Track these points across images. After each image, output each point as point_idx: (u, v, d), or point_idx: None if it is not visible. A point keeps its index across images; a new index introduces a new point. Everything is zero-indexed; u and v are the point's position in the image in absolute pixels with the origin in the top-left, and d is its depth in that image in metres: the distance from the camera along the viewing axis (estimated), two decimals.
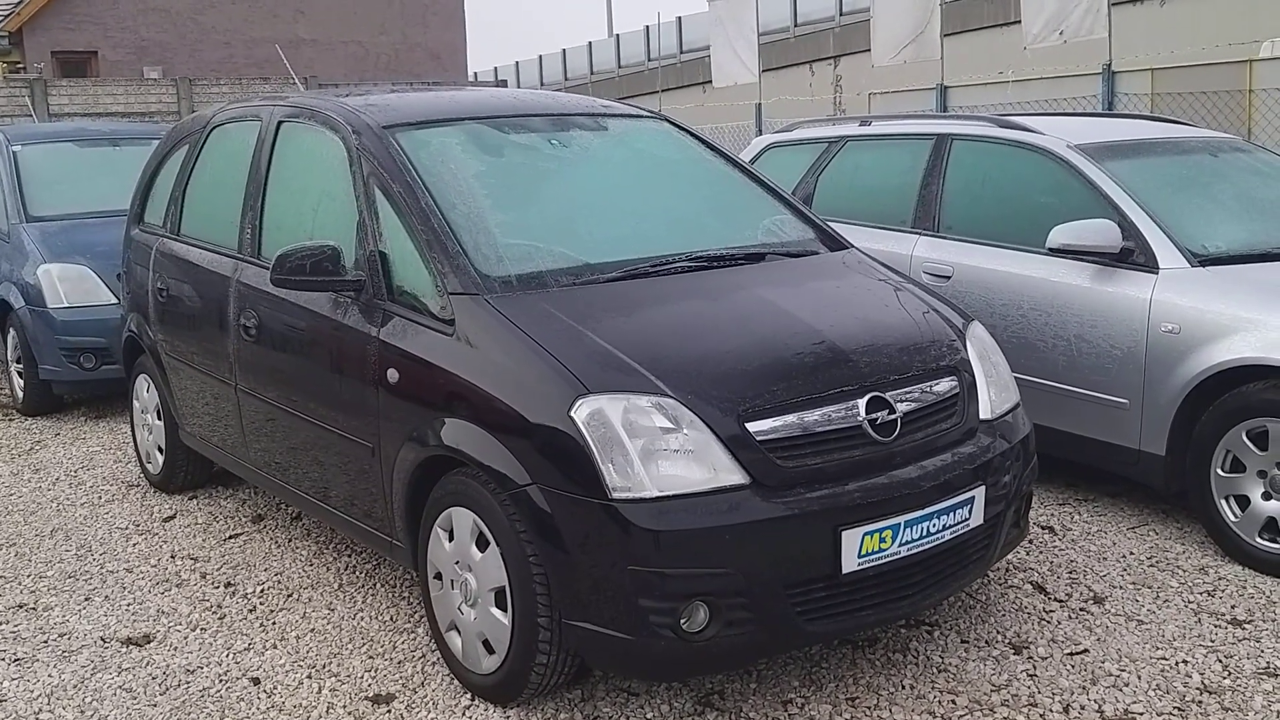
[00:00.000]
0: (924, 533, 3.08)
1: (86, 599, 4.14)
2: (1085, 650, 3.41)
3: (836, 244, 4.02)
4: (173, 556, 4.53)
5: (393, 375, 3.41)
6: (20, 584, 4.31)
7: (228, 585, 4.21)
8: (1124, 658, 3.36)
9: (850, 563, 2.95)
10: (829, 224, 4.17)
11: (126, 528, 4.90)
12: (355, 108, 4.01)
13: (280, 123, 4.34)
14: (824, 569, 2.94)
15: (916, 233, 5.26)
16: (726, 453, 2.90)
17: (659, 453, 2.87)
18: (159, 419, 5.23)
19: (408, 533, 3.51)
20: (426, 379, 3.31)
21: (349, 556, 4.41)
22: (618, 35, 30.87)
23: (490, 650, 3.19)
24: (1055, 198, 4.76)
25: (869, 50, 12.79)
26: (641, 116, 4.50)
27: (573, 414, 2.90)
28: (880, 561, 3.01)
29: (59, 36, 21.61)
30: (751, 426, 2.95)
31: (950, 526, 3.15)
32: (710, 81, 15.05)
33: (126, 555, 4.57)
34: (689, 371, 3.02)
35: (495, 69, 31.17)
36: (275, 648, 3.67)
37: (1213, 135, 5.35)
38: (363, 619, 3.85)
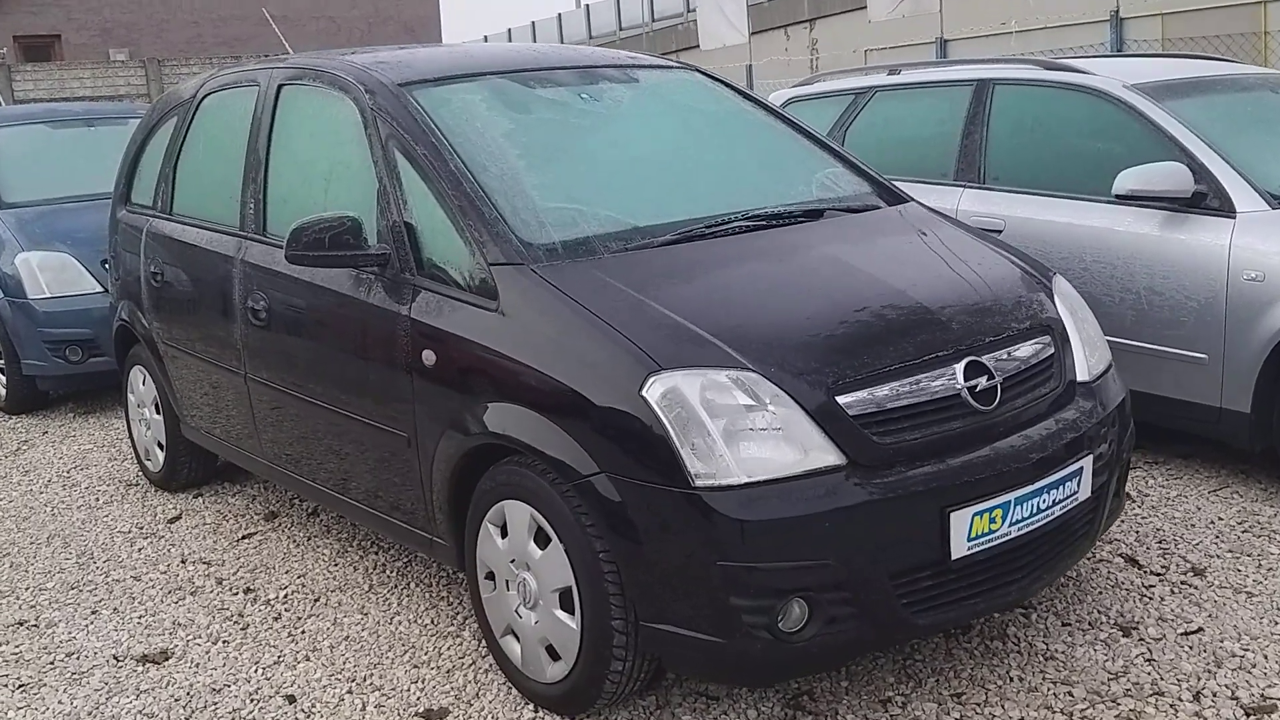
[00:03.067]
0: (1034, 510, 2.78)
1: (93, 612, 3.81)
2: (1199, 629, 3.13)
3: (895, 197, 3.70)
4: (183, 561, 4.19)
5: (428, 357, 3.08)
6: (19, 598, 3.97)
7: (247, 591, 3.87)
8: (1244, 635, 3.08)
9: (960, 547, 2.65)
10: (884, 177, 3.85)
11: (129, 531, 4.56)
12: (366, 65, 3.66)
13: (281, 86, 3.98)
14: (932, 555, 2.64)
15: (960, 185, 4.94)
16: (818, 430, 2.58)
17: (743, 433, 2.55)
18: (158, 413, 4.88)
19: (451, 529, 3.18)
20: (468, 360, 2.97)
21: (375, 554, 4.09)
22: (587, 6, 30.35)
23: (555, 656, 2.88)
24: (1114, 142, 4.45)
25: (846, 12, 12.41)
26: (671, 67, 4.16)
27: (644, 394, 2.58)
28: (990, 544, 2.70)
29: (21, 20, 20.99)
30: (842, 400, 2.64)
31: (1060, 501, 2.85)
32: (685, 49, 14.65)
33: (132, 561, 4.22)
34: (767, 341, 2.70)
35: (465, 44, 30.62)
36: (308, 660, 3.35)
37: (1269, 72, 5.05)
38: (400, 624, 3.53)
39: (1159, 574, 3.49)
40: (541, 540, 2.85)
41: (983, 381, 2.81)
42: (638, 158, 3.58)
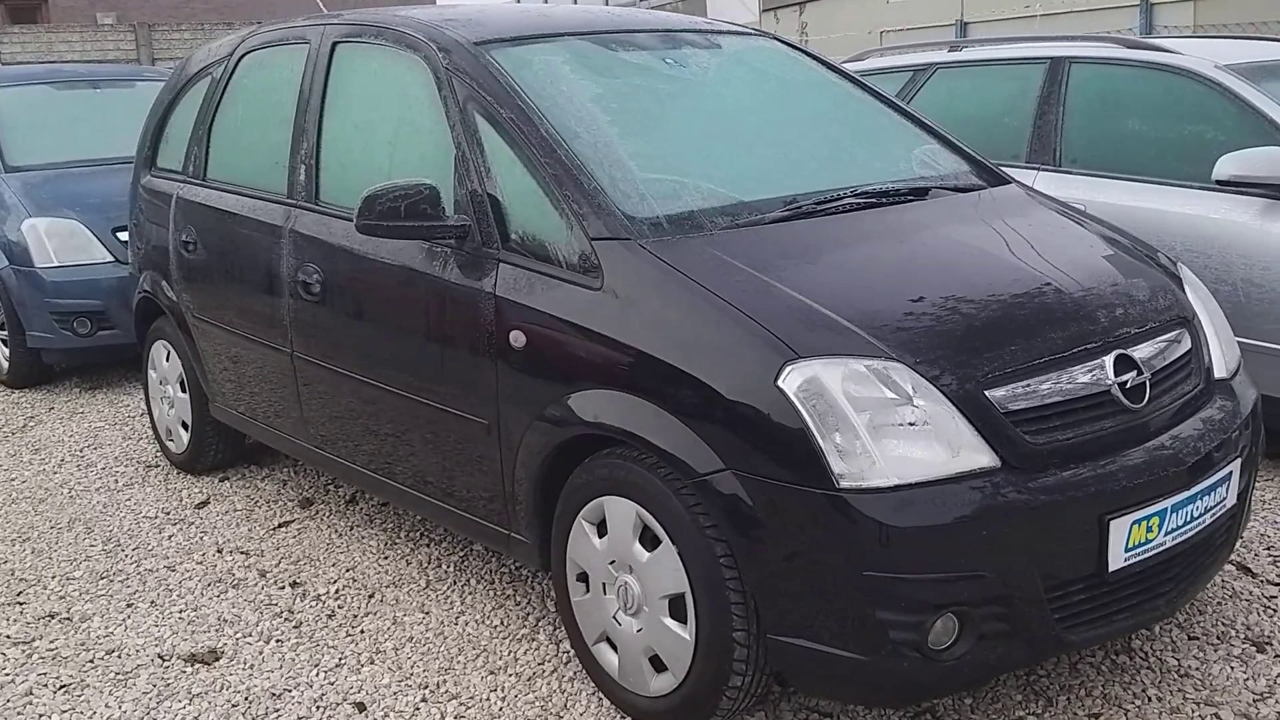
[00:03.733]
0: (1188, 518, 2.56)
1: (129, 605, 3.54)
2: None
3: (997, 177, 3.46)
4: (219, 550, 3.93)
5: (517, 339, 2.83)
6: (46, 588, 3.70)
7: (294, 585, 3.62)
8: None
9: (1117, 558, 2.43)
10: (983, 155, 3.62)
11: (156, 516, 4.28)
12: (436, 23, 3.38)
13: (336, 44, 3.69)
14: (1088, 566, 2.41)
15: (1034, 168, 4.71)
16: (970, 427, 2.35)
17: (889, 429, 2.32)
18: (183, 391, 4.60)
19: (535, 526, 2.94)
20: (566, 343, 2.72)
21: (428, 547, 3.83)
22: None
23: (660, 668, 2.64)
24: (1206, 125, 4.24)
25: None
26: (750, 34, 3.90)
27: (781, 384, 2.34)
28: (1147, 555, 2.49)
29: None
30: (992, 394, 2.41)
31: (1211, 509, 2.63)
32: None
33: (164, 550, 3.96)
34: (906, 328, 2.47)
35: None
36: (373, 663, 3.10)
37: None
38: (468, 624, 3.28)
39: (1276, 583, 3.29)
40: (649, 541, 2.61)
41: (1132, 377, 2.58)
42: (731, 127, 3.32)
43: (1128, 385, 2.57)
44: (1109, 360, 2.57)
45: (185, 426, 4.66)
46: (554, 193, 2.81)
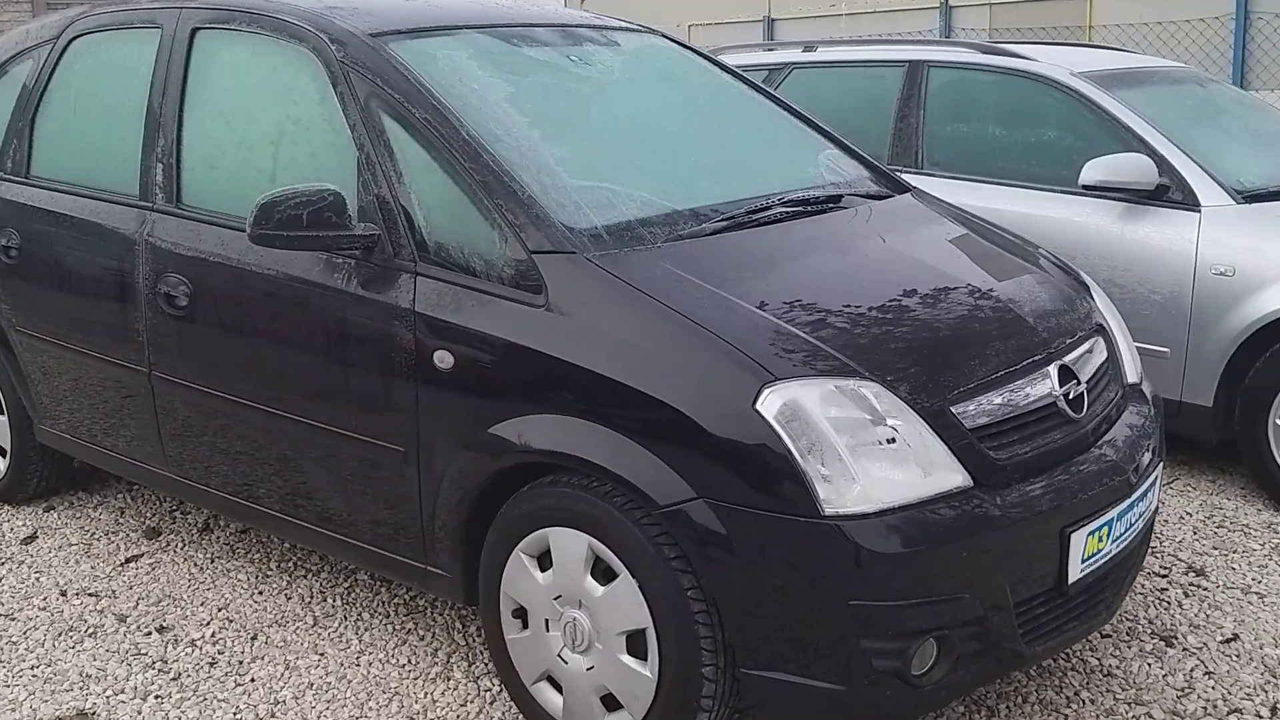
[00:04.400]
0: (1129, 524, 2.62)
1: None
2: (1235, 636, 3.07)
3: (897, 184, 3.47)
4: (62, 593, 3.51)
5: (443, 360, 2.61)
6: None
7: (161, 630, 3.26)
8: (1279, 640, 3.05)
9: (1075, 570, 2.45)
10: (874, 160, 3.62)
11: None
12: (320, 11, 3.10)
13: (196, 30, 3.34)
14: (1049, 580, 2.43)
15: (896, 170, 4.77)
16: (943, 446, 2.32)
17: (868, 451, 2.25)
18: None
19: (458, 559, 2.74)
20: (503, 365, 2.53)
21: (305, 578, 3.54)
22: None
23: (612, 707, 2.50)
24: (1065, 130, 4.40)
25: None
26: (640, 30, 3.77)
27: (759, 407, 2.23)
28: (1097, 564, 2.53)
29: None
30: (958, 410, 2.38)
31: (1143, 514, 2.71)
32: None
33: None
34: (872, 345, 2.41)
35: None
36: (274, 716, 2.82)
37: (1183, 66, 5.15)
38: (371, 664, 3.04)
39: (1163, 574, 3.44)
40: (601, 574, 2.46)
41: (1074, 387, 2.62)
42: (648, 131, 3.20)
43: (1070, 396, 2.60)
44: (1053, 371, 2.59)
45: (2, 453, 4.16)
46: (482, 201, 2.61)
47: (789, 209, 2.94)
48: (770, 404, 2.23)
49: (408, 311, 2.67)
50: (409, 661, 3.05)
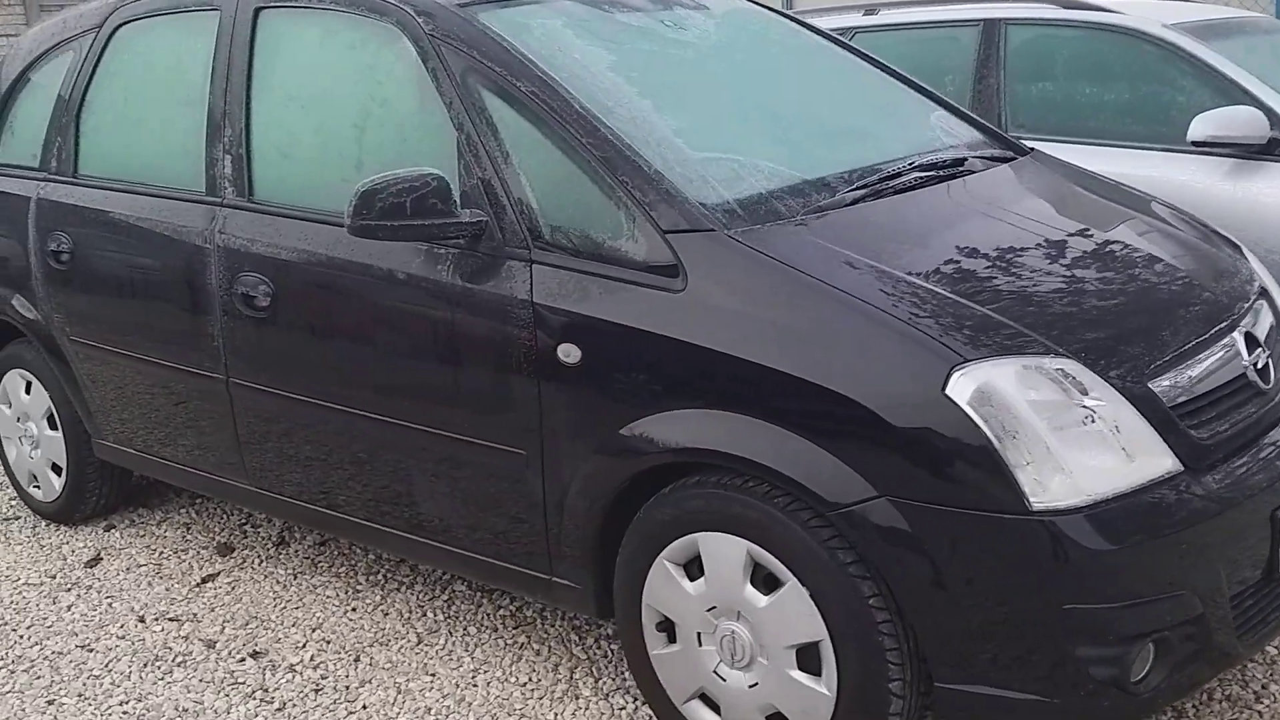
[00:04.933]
0: None
1: (50, 702, 2.89)
2: None
3: (1015, 145, 3.23)
4: (140, 619, 3.29)
5: (569, 354, 2.39)
6: None
7: (255, 655, 3.05)
8: None
9: None
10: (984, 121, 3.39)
11: (40, 583, 3.57)
12: None
13: (259, 10, 3.10)
14: (1259, 568, 2.21)
15: None
16: (1149, 428, 2.09)
17: (1072, 437, 2.03)
18: (53, 428, 3.88)
19: (590, 569, 2.52)
20: (639, 357, 2.31)
21: (400, 591, 3.32)
22: None
23: None
24: (1161, 85, 4.16)
25: None
26: None
27: (949, 393, 2.01)
28: None
29: None
30: (1156, 386, 2.16)
31: None
32: None
33: (68, 625, 3.29)
34: (1058, 318, 2.19)
35: None
36: None
37: (1265, 15, 4.91)
38: (490, 684, 2.82)
39: None
40: (763, 582, 2.24)
41: (1260, 355, 2.39)
42: (758, 97, 2.96)
43: (1258, 365, 2.38)
44: (1239, 338, 2.37)
45: (57, 470, 3.93)
46: (604, 179, 2.38)
47: (921, 175, 2.71)
48: (961, 388, 2.01)
49: (525, 303, 2.45)
50: (529, 679, 2.83)
